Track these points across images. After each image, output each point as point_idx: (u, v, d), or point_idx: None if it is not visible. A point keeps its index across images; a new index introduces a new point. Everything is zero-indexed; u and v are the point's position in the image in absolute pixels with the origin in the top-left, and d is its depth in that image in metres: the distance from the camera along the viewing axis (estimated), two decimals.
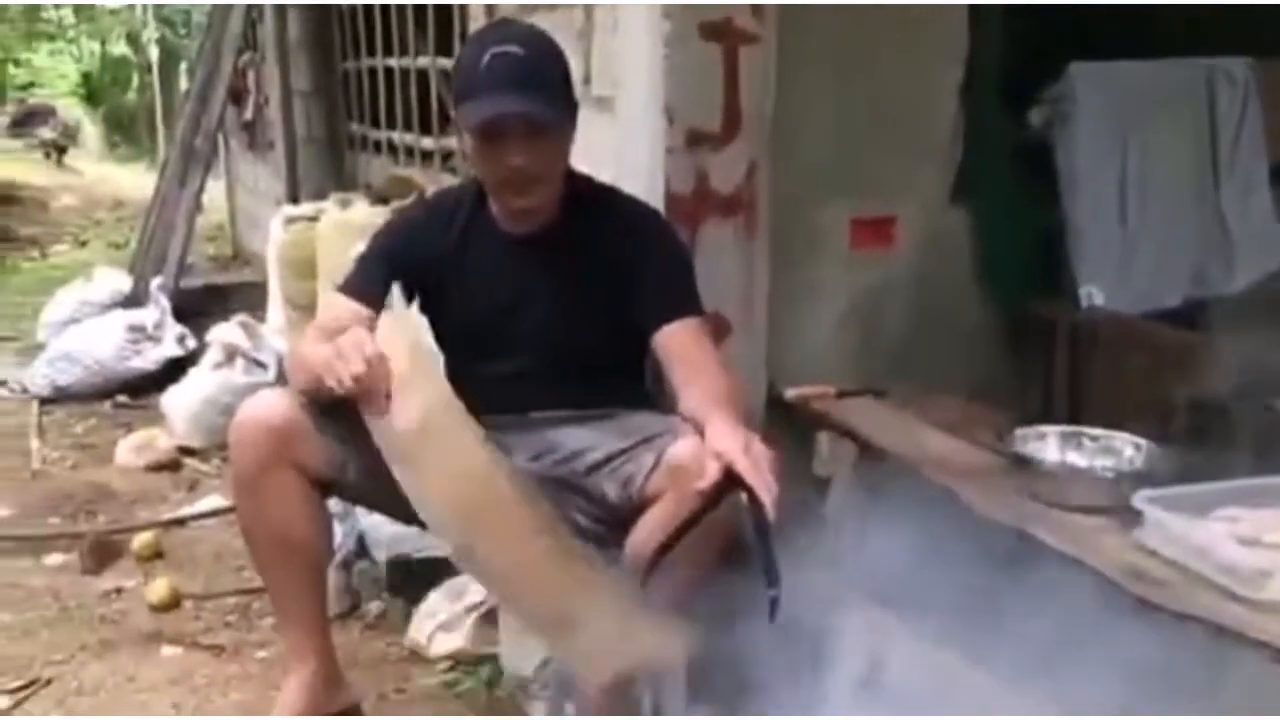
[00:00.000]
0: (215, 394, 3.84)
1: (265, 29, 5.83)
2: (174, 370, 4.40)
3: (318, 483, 1.99)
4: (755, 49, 2.23)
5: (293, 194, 5.41)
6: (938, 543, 1.82)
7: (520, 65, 1.87)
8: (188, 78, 8.19)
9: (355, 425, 1.82)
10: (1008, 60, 2.77)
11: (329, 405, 1.91)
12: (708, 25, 2.19)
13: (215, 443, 3.70)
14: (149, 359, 4.61)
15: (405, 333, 1.88)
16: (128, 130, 18.01)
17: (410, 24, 4.23)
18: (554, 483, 1.99)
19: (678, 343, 1.95)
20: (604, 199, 2.08)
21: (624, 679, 2.00)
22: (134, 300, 5.01)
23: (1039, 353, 2.86)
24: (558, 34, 2.02)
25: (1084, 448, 2.03)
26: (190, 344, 4.65)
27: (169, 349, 4.65)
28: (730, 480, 1.63)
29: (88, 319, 4.86)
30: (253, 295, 4.82)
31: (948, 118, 2.73)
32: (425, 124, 4.19)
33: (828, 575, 2.08)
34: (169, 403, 4.01)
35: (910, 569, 1.85)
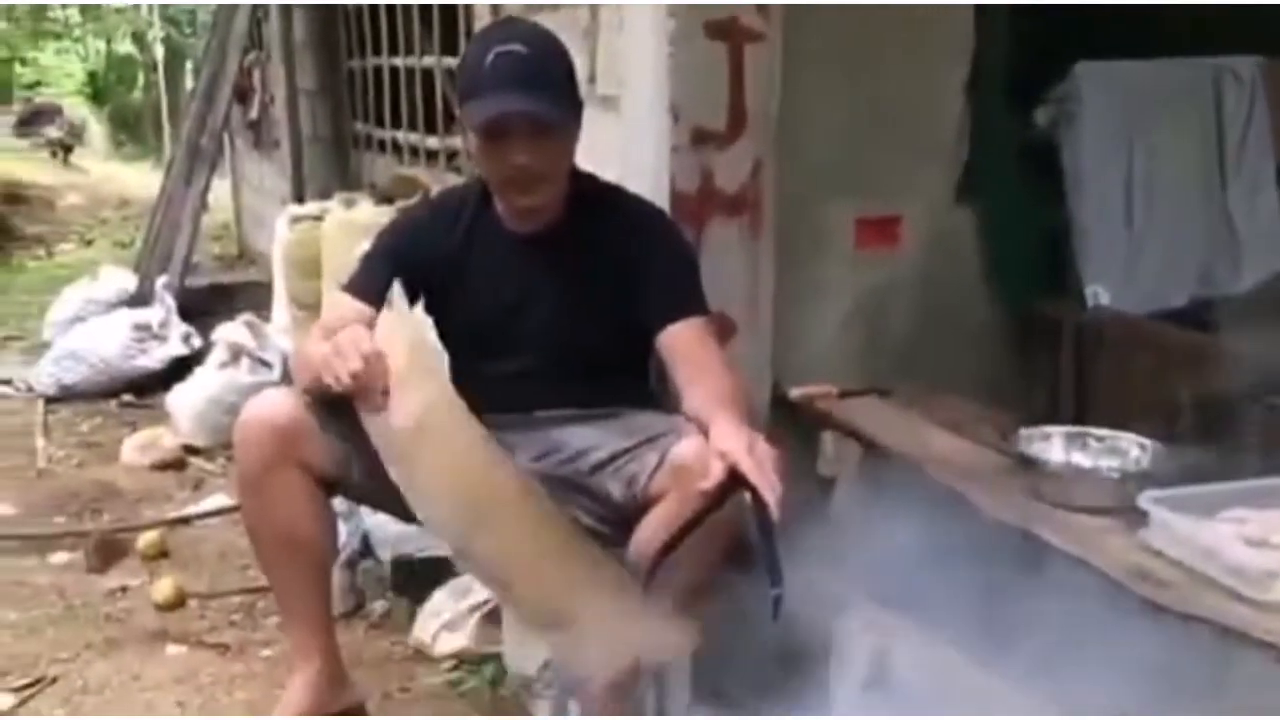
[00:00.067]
0: (220, 393, 3.85)
1: (271, 28, 5.84)
2: (179, 369, 4.41)
3: (322, 482, 1.99)
4: (760, 48, 2.22)
5: (298, 193, 5.42)
6: (942, 543, 1.82)
7: (525, 64, 1.87)
8: (193, 77, 8.19)
9: (359, 424, 1.82)
10: (1013, 59, 2.76)
11: (334, 404, 1.91)
12: (713, 24, 2.18)
13: (220, 442, 3.71)
14: (154, 358, 4.62)
15: (405, 330, 1.88)
16: (133, 129, 18.05)
17: (415, 23, 4.23)
18: (558, 482, 1.99)
19: (682, 342, 1.94)
20: (609, 198, 2.08)
21: (627, 677, 2.00)
22: (139, 299, 5.02)
23: (1044, 352, 2.85)
24: (563, 33, 2.02)
25: (1089, 448, 2.02)
26: (195, 343, 4.66)
27: (174, 348, 4.66)
28: (734, 480, 1.63)
29: (93, 318, 4.87)
30: (258, 294, 4.82)
31: (953, 117, 2.73)
32: (430, 123, 4.19)
33: (832, 575, 2.08)
34: (174, 402, 4.02)
35: (915, 569, 1.85)
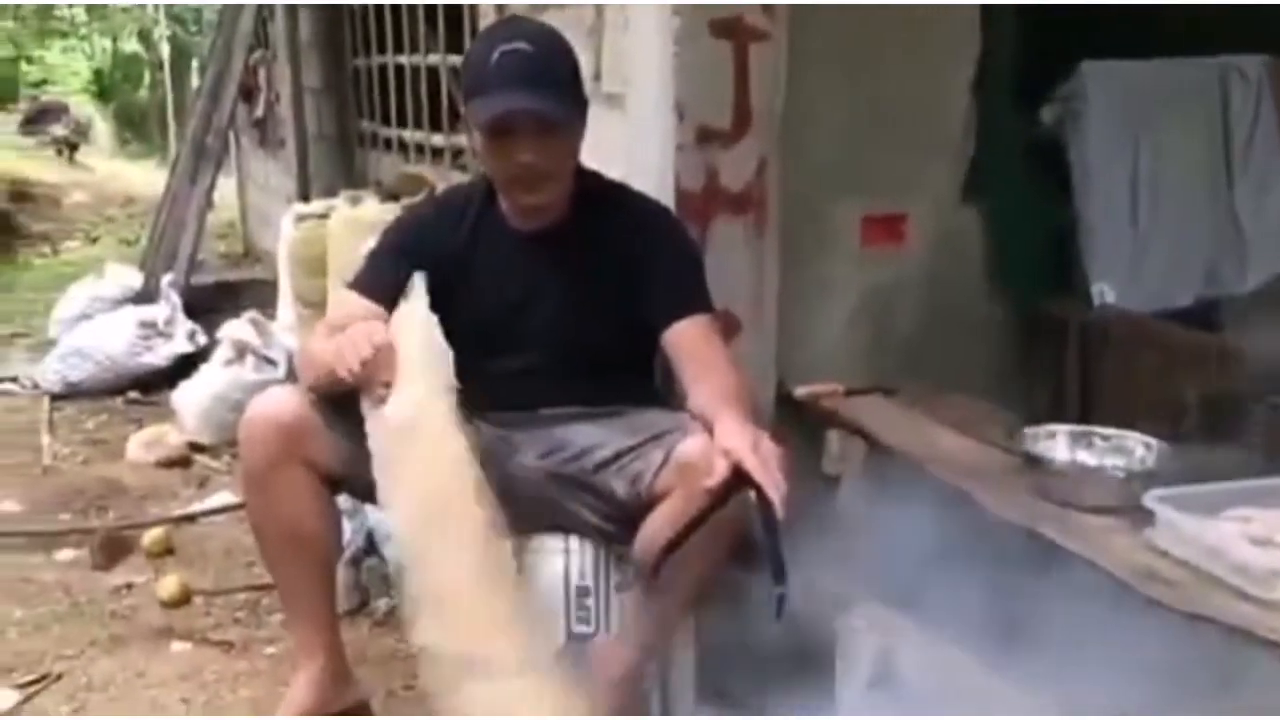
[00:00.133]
0: (226, 390, 3.85)
1: (276, 26, 5.84)
2: (185, 366, 4.41)
3: (327, 479, 2.00)
4: (766, 46, 2.22)
5: (303, 191, 5.42)
6: (947, 542, 1.82)
7: (530, 62, 1.87)
8: (199, 75, 8.20)
9: (364, 422, 1.82)
10: (1019, 58, 2.76)
11: (339, 402, 1.92)
12: (718, 22, 2.18)
13: (225, 439, 3.71)
14: (160, 355, 4.62)
15: (419, 326, 1.89)
16: (139, 127, 18.05)
17: (421, 22, 4.23)
18: (563, 480, 1.99)
19: (687, 340, 1.94)
20: (614, 196, 2.08)
21: (632, 675, 2.01)
22: (145, 297, 5.02)
23: (1050, 351, 2.85)
24: (568, 31, 2.02)
25: (1095, 447, 2.02)
26: (201, 340, 4.66)
27: (180, 345, 4.66)
28: (739, 478, 1.63)
29: (99, 315, 4.87)
30: (263, 292, 4.82)
31: (959, 115, 2.72)
32: (435, 121, 4.19)
33: (837, 574, 2.08)
34: (180, 399, 4.02)
35: (919, 568, 1.85)
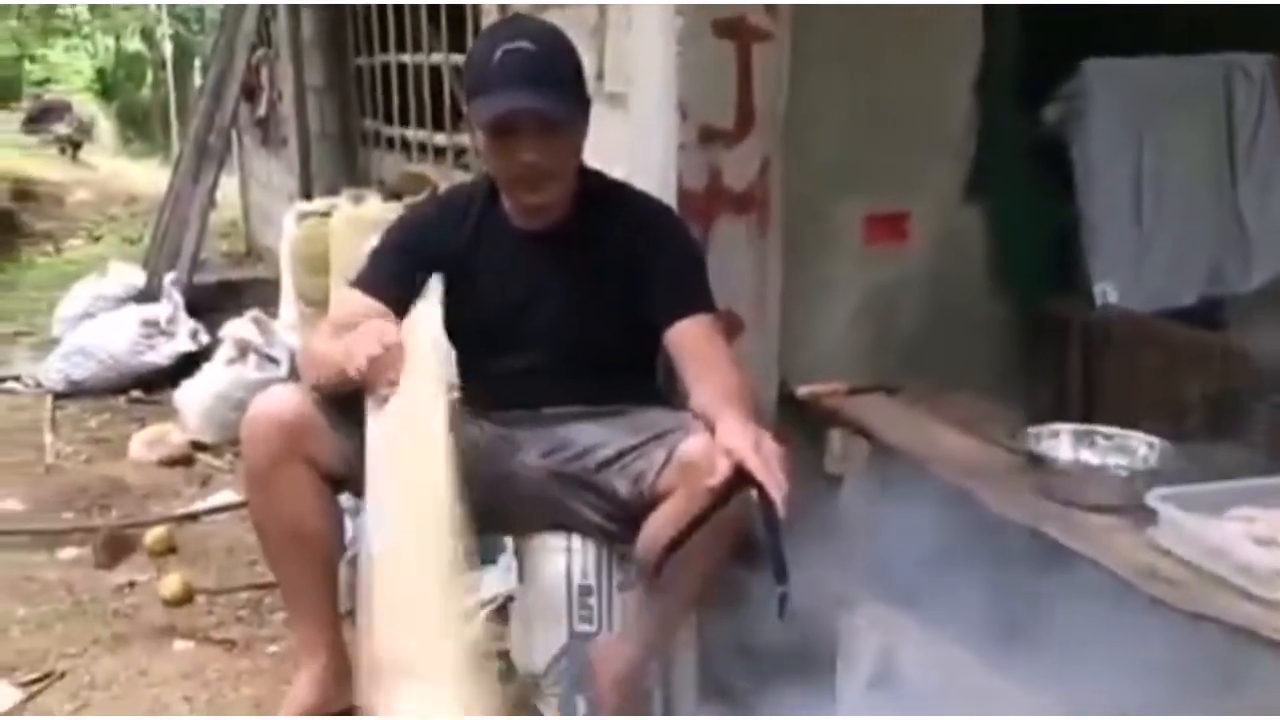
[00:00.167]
0: (228, 389, 3.85)
1: (279, 25, 5.84)
2: (187, 365, 4.42)
3: (329, 478, 2.00)
4: (769, 46, 2.22)
5: (306, 190, 5.42)
6: (950, 541, 1.81)
7: (532, 61, 1.87)
8: (202, 74, 8.21)
9: (366, 420, 1.82)
10: (1022, 57, 2.75)
11: (341, 401, 1.92)
12: (721, 22, 2.18)
13: (228, 438, 3.71)
14: (163, 354, 4.63)
15: (430, 328, 1.89)
16: (142, 126, 18.07)
17: (423, 20, 4.23)
18: (565, 479, 1.99)
19: (689, 339, 1.94)
20: (616, 195, 2.08)
21: (635, 674, 2.01)
22: (148, 295, 5.03)
23: (1053, 350, 2.85)
24: (571, 30, 2.02)
25: (1097, 446, 2.01)
26: (203, 339, 4.66)
27: (182, 344, 4.66)
28: (741, 477, 1.63)
29: (102, 314, 4.88)
30: (266, 291, 4.82)
31: (962, 114, 2.72)
32: (438, 120, 4.19)
33: (839, 573, 2.08)
34: (182, 398, 4.03)
35: (921, 567, 1.85)
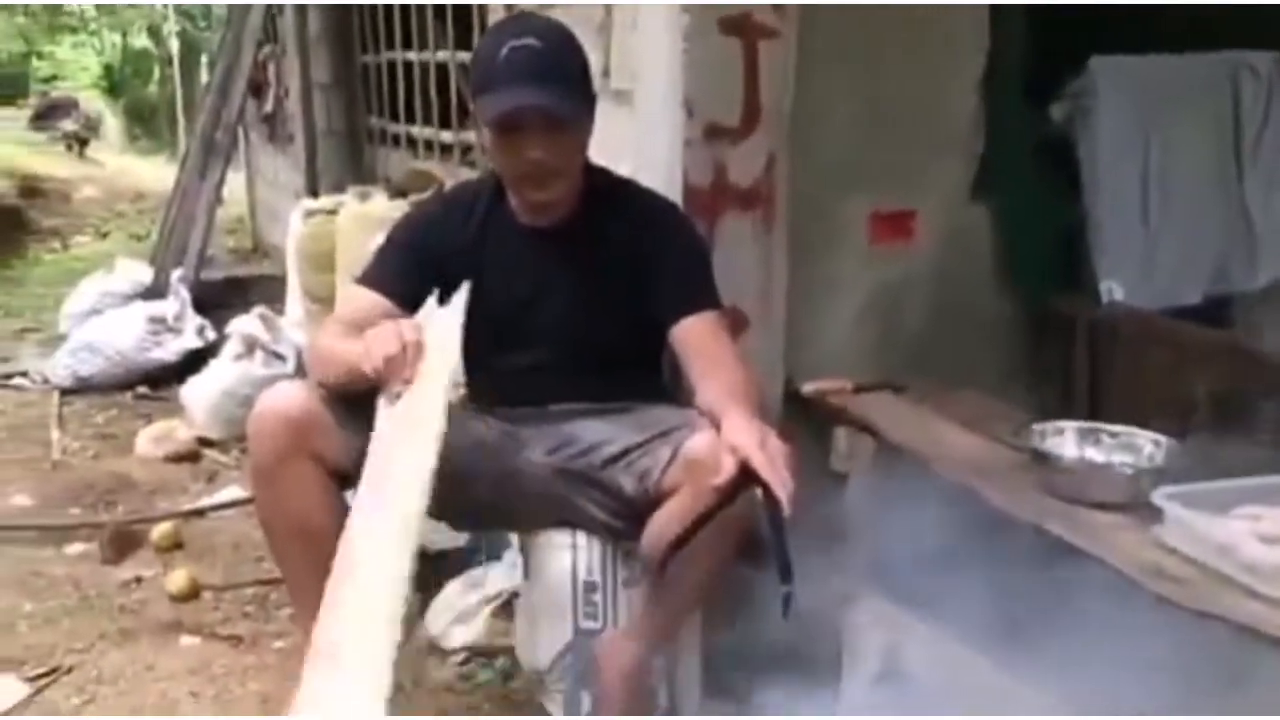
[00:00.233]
0: (234, 386, 3.86)
1: (285, 22, 5.85)
2: (194, 362, 4.43)
3: (336, 474, 2.00)
4: (775, 43, 2.22)
5: (312, 187, 5.43)
6: (955, 539, 1.81)
7: (538, 58, 1.87)
8: (208, 70, 8.21)
9: (373, 417, 1.83)
10: (1028, 55, 2.75)
11: (348, 398, 1.92)
12: (727, 19, 2.18)
13: (234, 434, 3.72)
14: (169, 350, 4.64)
15: (448, 329, 1.89)
16: (148, 123, 18.11)
17: (430, 18, 4.24)
18: (570, 476, 2.00)
19: (695, 336, 1.94)
20: (622, 192, 2.08)
21: (640, 671, 2.01)
22: (155, 292, 5.04)
23: (1059, 348, 2.84)
24: (577, 27, 2.02)
25: (1103, 443, 2.01)
26: (210, 336, 4.67)
27: (189, 341, 4.67)
28: (746, 475, 1.63)
29: (109, 310, 4.89)
30: (272, 287, 4.83)
31: (968, 112, 2.71)
32: (444, 118, 4.20)
33: (844, 570, 2.08)
34: (189, 394, 4.04)
35: (927, 565, 1.85)
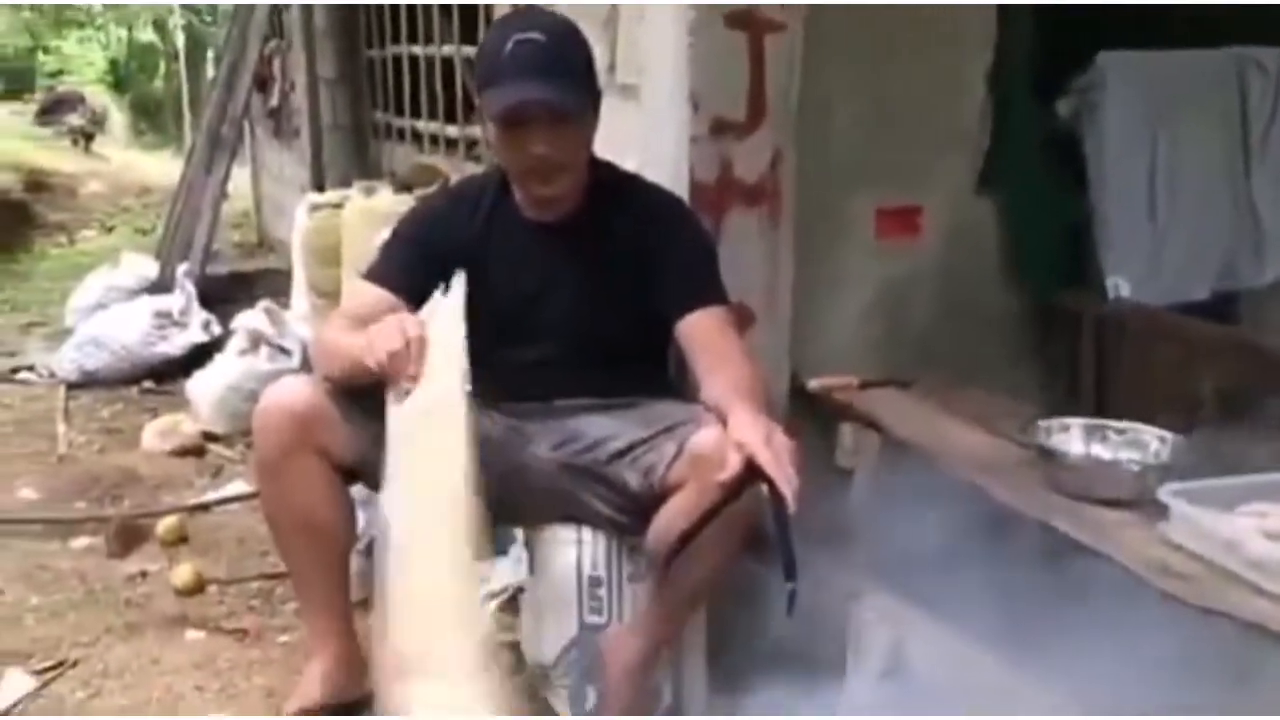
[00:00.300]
0: (240, 380, 3.86)
1: (291, 16, 5.85)
2: (199, 356, 4.42)
3: (341, 468, 2.00)
4: (781, 37, 2.21)
5: (318, 181, 5.42)
6: (960, 535, 1.81)
7: (543, 52, 1.87)
8: (214, 65, 8.21)
9: (379, 412, 1.82)
10: (1036, 50, 2.74)
11: (353, 392, 1.92)
12: (733, 14, 2.17)
13: (240, 428, 3.72)
14: (175, 345, 4.64)
15: (454, 322, 1.89)
16: (154, 117, 18.10)
17: (435, 12, 4.23)
18: (576, 471, 1.99)
19: (701, 331, 1.94)
20: (627, 187, 2.08)
21: (645, 666, 2.01)
22: (161, 286, 5.04)
23: (1065, 344, 2.84)
24: (582, 22, 2.01)
25: (1109, 440, 2.01)
26: (215, 330, 4.67)
27: (195, 335, 4.67)
28: (751, 471, 1.63)
29: (115, 304, 4.89)
30: (278, 282, 4.83)
31: (975, 107, 2.71)
32: (450, 112, 4.19)
33: (850, 566, 2.08)
34: (194, 388, 4.04)
35: (932, 561, 1.85)
